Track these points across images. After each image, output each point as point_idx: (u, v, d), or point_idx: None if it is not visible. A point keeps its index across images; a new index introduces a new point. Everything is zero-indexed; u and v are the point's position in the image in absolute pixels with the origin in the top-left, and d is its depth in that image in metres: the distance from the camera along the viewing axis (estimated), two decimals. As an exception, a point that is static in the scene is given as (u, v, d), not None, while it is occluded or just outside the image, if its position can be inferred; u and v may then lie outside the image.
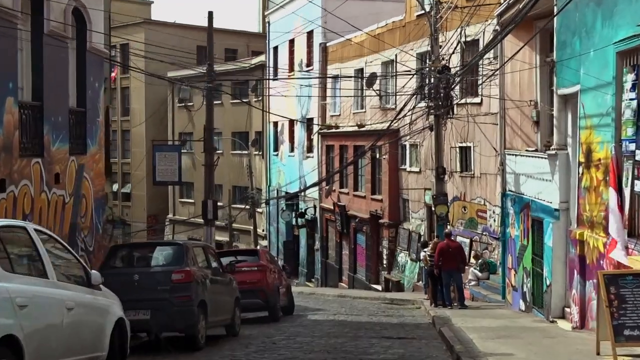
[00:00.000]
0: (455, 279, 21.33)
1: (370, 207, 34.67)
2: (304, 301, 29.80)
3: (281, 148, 47.31)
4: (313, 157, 41.95)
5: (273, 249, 48.85)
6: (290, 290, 22.41)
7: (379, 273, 34.49)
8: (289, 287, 22.22)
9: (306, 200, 43.16)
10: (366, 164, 34.17)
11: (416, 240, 31.13)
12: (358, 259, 36.66)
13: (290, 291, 22.34)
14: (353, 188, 36.71)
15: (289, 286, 22.13)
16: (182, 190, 60.38)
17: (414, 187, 31.22)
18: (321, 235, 41.14)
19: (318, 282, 41.65)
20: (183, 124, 59.65)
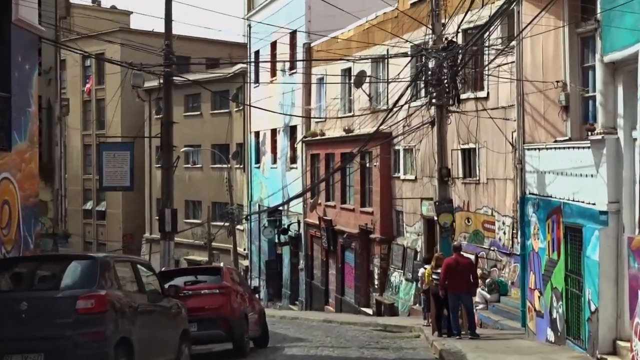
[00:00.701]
0: (464, 302, 17.29)
1: (359, 221, 30.64)
2: (284, 328, 25.67)
3: (263, 160, 43.26)
4: (297, 168, 37.94)
5: (255, 269, 44.69)
6: (264, 317, 18.30)
7: (369, 295, 30.39)
8: (262, 313, 18.10)
9: (289, 215, 39.09)
10: (355, 170, 30.12)
11: (412, 258, 27.08)
12: (346, 279, 32.57)
13: (264, 319, 18.23)
14: (340, 200, 32.68)
15: (262, 312, 18.00)
16: (158, 207, 56.02)
17: (409, 197, 27.20)
18: (305, 254, 37.05)
19: (302, 304, 37.49)
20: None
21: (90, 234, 60.84)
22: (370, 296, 30.24)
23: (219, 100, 51.25)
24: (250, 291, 17.35)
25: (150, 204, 56.40)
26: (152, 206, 56.41)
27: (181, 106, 53.62)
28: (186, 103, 53.63)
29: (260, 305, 18.02)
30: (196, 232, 51.34)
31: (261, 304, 18.27)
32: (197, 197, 52.27)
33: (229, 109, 49.93)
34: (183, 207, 53.49)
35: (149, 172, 56.35)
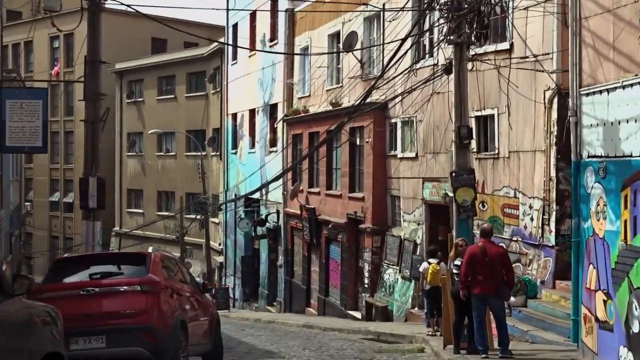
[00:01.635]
0: (493, 307, 12.31)
1: (347, 208, 25.62)
2: (254, 335, 20.66)
3: (240, 144, 38.18)
4: (277, 151, 32.90)
5: (230, 265, 39.59)
6: (218, 325, 13.15)
7: (358, 296, 25.38)
8: (215, 321, 12.95)
9: (268, 205, 34.04)
10: (342, 144, 25.07)
11: (410, 252, 22.08)
12: (331, 277, 27.54)
13: (217, 327, 13.08)
14: (326, 185, 27.64)
15: (214, 319, 12.84)
16: (129, 199, 50.95)
17: (409, 177, 22.20)
18: (285, 248, 31.99)
19: (281, 306, 32.43)
20: (132, 123, 50.45)
21: (57, 227, 55.52)
22: (359, 297, 25.24)
23: (195, 82, 46.24)
24: (198, 289, 12.28)
25: (120, 194, 51.26)
26: (122, 197, 51.28)
27: (154, 89, 48.64)
28: (160, 85, 48.56)
29: (212, 308, 12.91)
30: (169, 226, 46.28)
31: (213, 307, 13.12)
32: (170, 187, 47.18)
33: (205, 91, 44.91)
34: (155, 198, 48.41)
35: (119, 159, 51.19)
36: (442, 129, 20.41)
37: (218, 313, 13.15)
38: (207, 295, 12.71)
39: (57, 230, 55.40)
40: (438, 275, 16.72)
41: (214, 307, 13.06)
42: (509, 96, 17.29)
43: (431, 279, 16.62)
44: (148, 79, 49.00)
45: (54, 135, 56.08)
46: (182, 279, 11.56)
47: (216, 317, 12.82)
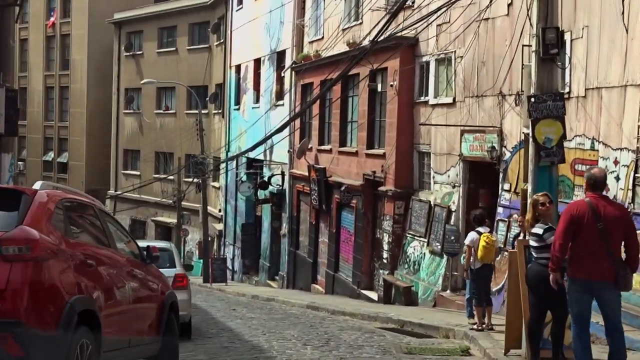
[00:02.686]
0: (606, 301, 7.62)
1: (364, 168, 20.97)
2: (244, 319, 16.27)
3: (244, 99, 33.50)
4: (284, 105, 28.26)
5: (229, 234, 35.07)
6: (172, 311, 8.37)
7: (374, 273, 20.80)
8: (167, 306, 8.20)
9: (272, 167, 29.43)
10: (364, 87, 20.36)
11: (442, 220, 17.44)
12: (342, 249, 22.94)
13: (170, 316, 8.29)
14: (339, 142, 22.96)
15: (165, 304, 8.09)
16: (125, 160, 46.42)
17: (444, 124, 17.49)
18: (290, 215, 27.39)
19: (284, 281, 27.92)
20: (131, 77, 45.79)
21: (51, 189, 50.97)
22: (375, 275, 20.66)
23: (198, 33, 41.50)
24: (138, 258, 7.64)
25: (117, 155, 46.68)
26: (118, 158, 46.69)
27: (154, 41, 43.93)
28: (160, 37, 43.82)
29: (164, 287, 8.22)
30: (166, 190, 41.74)
31: (166, 284, 8.41)
32: (169, 148, 42.54)
33: (208, 43, 40.19)
34: (153, 159, 43.87)
35: (116, 117, 46.56)
36: (491, 65, 15.70)
37: (174, 294, 8.53)
38: (152, 267, 8.09)
39: (51, 192, 50.87)
40: (492, 248, 12.15)
41: (166, 286, 8.42)
42: (588, 14, 12.56)
43: (483, 254, 12.05)
44: (148, 30, 44.29)
45: (49, 90, 51.56)
46: (104, 239, 6.93)
47: (169, 301, 8.17)
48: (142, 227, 44.80)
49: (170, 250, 12.58)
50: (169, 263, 12.34)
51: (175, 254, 12.60)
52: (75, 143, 49.12)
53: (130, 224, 45.37)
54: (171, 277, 12.10)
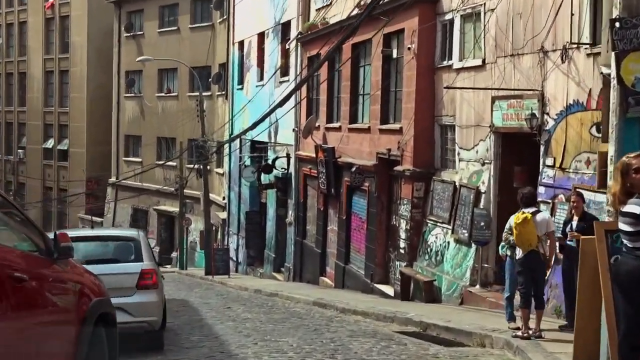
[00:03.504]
0: None
1: (377, 146, 18.25)
2: (238, 320, 13.77)
3: (247, 77, 30.80)
4: (289, 80, 25.57)
5: (233, 223, 32.45)
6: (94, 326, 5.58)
7: (389, 264, 18.11)
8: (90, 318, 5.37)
9: (277, 149, 26.75)
10: (378, 52, 17.59)
11: (469, 203, 14.72)
12: (353, 238, 20.24)
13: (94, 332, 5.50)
14: (349, 118, 20.23)
15: (86, 318, 5.26)
16: (127, 146, 43.85)
17: (472, 87, 14.74)
18: (296, 201, 24.73)
19: (290, 273, 25.28)
20: (131, 59, 43.07)
21: (51, 177, 48.62)
22: (390, 267, 17.97)
23: (201, 11, 38.83)
24: (41, 252, 4.97)
25: (118, 141, 44.09)
26: (119, 144, 44.12)
27: (155, 20, 41.27)
28: (161, 16, 41.16)
29: (90, 290, 5.47)
30: (169, 177, 39.21)
31: (96, 288, 5.69)
32: (171, 133, 39.92)
33: (211, 21, 37.50)
34: (155, 145, 41.29)
35: (117, 101, 43.96)
36: (529, 17, 12.95)
37: (107, 302, 5.84)
38: (81, 268, 5.40)
39: (51, 180, 48.48)
40: (529, 229, 9.52)
41: (95, 290, 5.69)
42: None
43: (516, 235, 9.40)
44: (149, 9, 41.64)
45: (48, 74, 49.03)
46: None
47: (96, 313, 5.48)
48: (144, 217, 42.26)
49: (137, 240, 9.93)
50: (134, 256, 9.72)
51: (144, 244, 9.96)
52: (76, 129, 46.61)
53: (132, 214, 42.90)
54: (136, 273, 9.48)
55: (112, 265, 9.42)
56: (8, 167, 51.41)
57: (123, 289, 9.19)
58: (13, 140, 51.76)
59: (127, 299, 9.18)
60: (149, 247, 10.11)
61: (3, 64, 52.29)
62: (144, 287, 9.34)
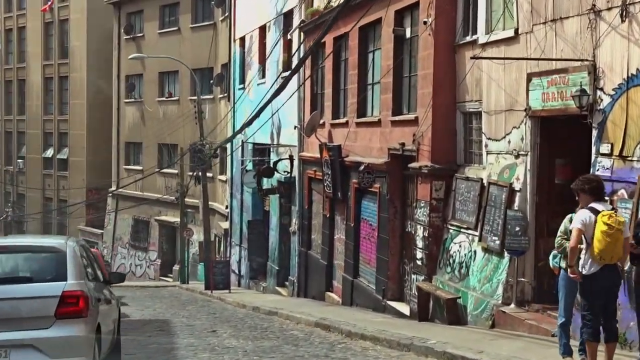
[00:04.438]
0: None
1: (389, 141, 15.55)
2: (219, 349, 11.00)
3: (249, 76, 28.18)
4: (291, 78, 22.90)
5: (235, 233, 29.79)
6: None
7: (404, 278, 15.35)
8: None
9: (280, 151, 24.10)
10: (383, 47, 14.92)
11: (500, 205, 11.98)
12: (363, 247, 17.49)
13: None
14: (357, 111, 17.52)
15: None
16: (127, 154, 41.35)
17: (499, 57, 12.01)
18: (300, 208, 22.03)
19: (294, 287, 22.56)
20: (131, 63, 40.66)
21: (51, 187, 46.17)
22: (405, 281, 15.22)
23: (202, 9, 36.37)
24: None
25: (118, 148, 41.58)
26: (119, 152, 41.61)
27: (155, 20, 38.83)
28: (161, 16, 38.71)
29: None
30: (170, 186, 36.67)
31: None
32: (172, 139, 37.35)
33: (213, 19, 35.01)
34: (156, 153, 38.78)
35: (117, 107, 41.50)
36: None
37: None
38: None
39: (51, 190, 46.02)
40: (619, 237, 6.79)
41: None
42: None
43: (605, 246, 6.73)
44: (149, 9, 39.20)
45: (48, 81, 46.71)
46: None
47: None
48: (145, 228, 39.66)
49: (61, 252, 7.17)
50: (54, 273, 7.02)
51: (72, 257, 7.20)
52: (76, 137, 44.17)
53: (133, 225, 40.33)
54: (54, 297, 6.78)
55: (20, 287, 6.78)
56: (7, 178, 49.03)
57: (35, 319, 6.56)
58: (13, 150, 49.43)
59: (40, 332, 6.55)
60: (80, 261, 7.39)
61: (2, 72, 50.05)
62: (65, 316, 6.67)
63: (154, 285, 34.08)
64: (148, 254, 39.13)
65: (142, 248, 39.49)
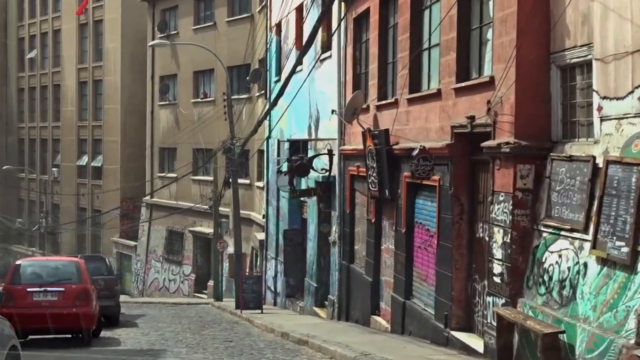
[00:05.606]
0: None
1: (453, 116, 11.40)
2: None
3: (285, 65, 24.28)
4: (331, 56, 19.04)
5: (271, 244, 25.86)
6: None
7: (474, 301, 11.12)
8: None
9: (318, 147, 20.08)
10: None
11: (628, 194, 7.69)
12: (417, 260, 13.29)
13: None
14: (409, 86, 13.39)
15: None
16: (161, 160, 37.85)
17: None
18: (341, 212, 17.93)
19: (334, 308, 18.44)
20: (165, 63, 37.36)
21: (85, 197, 42.93)
22: (477, 304, 10.98)
23: (239, 1, 32.77)
24: None
25: (152, 154, 38.13)
26: (153, 158, 38.15)
27: (190, 16, 35.39)
28: (196, 12, 35.22)
29: None
30: (205, 194, 32.98)
31: None
32: (208, 143, 33.65)
33: (250, 11, 31.35)
34: (190, 158, 35.18)
35: (151, 111, 38.13)
36: None
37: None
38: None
39: (85, 200, 42.75)
40: None
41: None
42: None
43: None
44: (184, 4, 35.79)
45: (82, 85, 43.64)
46: None
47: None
48: (179, 240, 36.03)
49: None
50: None
51: None
52: (110, 144, 40.89)
53: (167, 236, 36.74)
54: None
55: None
56: (42, 187, 46.06)
57: None
58: (48, 158, 46.49)
59: None
60: None
61: (38, 77, 47.27)
62: None
63: (186, 302, 30.42)
64: (182, 268, 35.49)
65: (176, 262, 35.89)
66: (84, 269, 13.27)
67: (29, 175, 47.83)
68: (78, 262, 13.63)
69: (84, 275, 13.10)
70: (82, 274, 13.09)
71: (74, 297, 12.77)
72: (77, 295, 12.79)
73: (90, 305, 12.92)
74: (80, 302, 12.79)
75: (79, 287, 12.91)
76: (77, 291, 12.83)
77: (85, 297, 12.85)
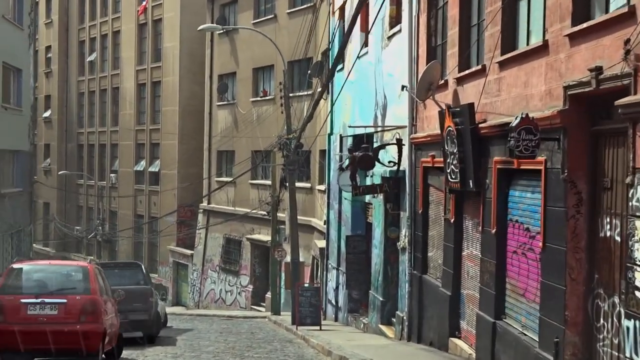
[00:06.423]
0: None
1: (565, 75, 8.37)
2: None
3: (348, 51, 21.45)
4: (401, 30, 16.14)
5: (333, 253, 23.02)
6: None
7: (596, 323, 8.03)
8: None
9: (384, 139, 17.13)
10: None
11: None
12: (511, 268, 10.28)
13: None
14: (501, 47, 10.40)
15: None
16: (219, 164, 35.49)
17: None
18: (412, 212, 14.94)
19: (403, 327, 15.41)
20: (224, 61, 35.06)
21: (142, 203, 40.89)
22: (601, 328, 7.89)
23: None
24: None
25: (210, 157, 35.82)
26: (211, 161, 35.84)
27: (249, 10, 33.01)
28: (256, 4, 32.78)
29: None
30: (264, 199, 30.34)
31: None
32: (268, 145, 31.05)
33: (312, 0, 28.68)
34: (249, 161, 32.65)
35: (209, 111, 35.87)
36: None
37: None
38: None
39: (143, 207, 40.73)
40: None
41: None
42: None
43: None
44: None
45: (141, 87, 41.70)
46: None
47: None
48: (237, 248, 33.51)
49: None
50: None
51: None
52: (167, 148, 38.76)
53: (224, 244, 34.29)
54: None
55: None
56: (99, 193, 44.31)
57: None
58: (106, 164, 44.74)
59: None
60: None
61: (97, 80, 45.65)
62: None
63: (242, 315, 27.85)
64: (239, 279, 32.95)
65: (233, 272, 33.38)
66: (94, 276, 10.65)
67: (88, 181, 46.20)
68: (86, 267, 11.03)
69: (93, 284, 10.48)
70: (90, 282, 10.47)
71: (78, 311, 10.16)
72: (82, 308, 10.18)
73: (99, 320, 10.30)
74: (86, 316, 10.18)
75: (85, 298, 10.30)
76: (83, 303, 10.23)
77: (93, 310, 10.23)
